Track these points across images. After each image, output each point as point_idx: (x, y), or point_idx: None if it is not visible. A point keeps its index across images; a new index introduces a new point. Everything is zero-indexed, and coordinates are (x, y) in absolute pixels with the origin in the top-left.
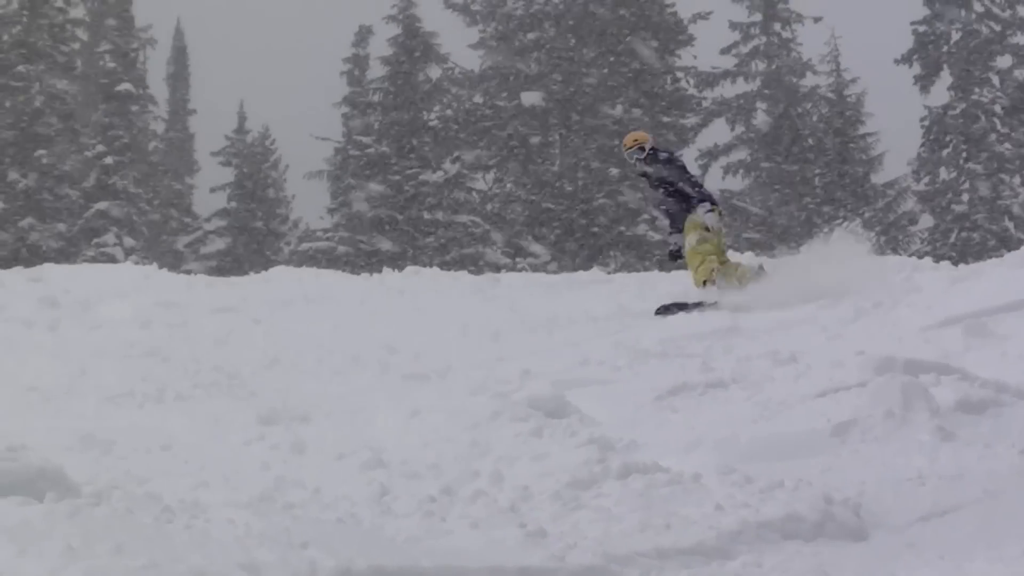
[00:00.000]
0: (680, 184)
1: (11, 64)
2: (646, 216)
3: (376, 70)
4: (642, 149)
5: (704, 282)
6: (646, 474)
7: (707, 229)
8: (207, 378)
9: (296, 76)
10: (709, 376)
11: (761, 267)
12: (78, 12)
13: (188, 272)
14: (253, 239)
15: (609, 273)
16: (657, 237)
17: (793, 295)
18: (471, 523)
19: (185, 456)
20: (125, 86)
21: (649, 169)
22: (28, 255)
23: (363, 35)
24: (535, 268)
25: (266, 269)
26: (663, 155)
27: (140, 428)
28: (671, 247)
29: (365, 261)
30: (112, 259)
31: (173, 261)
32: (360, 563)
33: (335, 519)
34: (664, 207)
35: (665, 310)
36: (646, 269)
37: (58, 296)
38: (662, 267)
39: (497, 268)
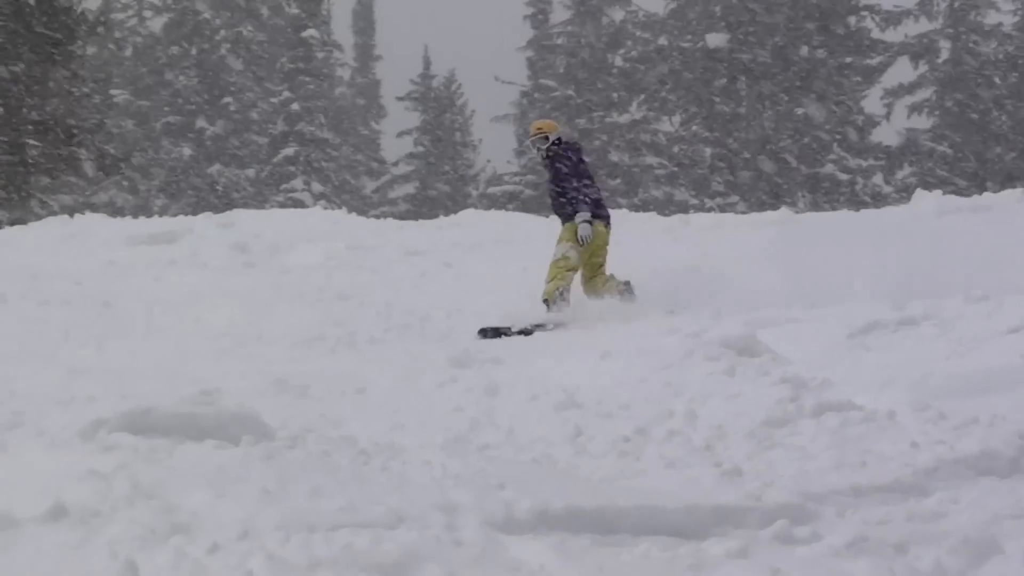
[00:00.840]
0: (570, 182)
1: (196, 12)
2: (832, 156)
3: (560, 13)
4: (546, 139)
5: (546, 300)
6: (840, 412)
7: (580, 244)
8: (399, 321)
9: (480, 20)
10: (901, 314)
11: (628, 283)
12: None
13: (377, 216)
14: (441, 183)
15: (797, 213)
16: (845, 176)
17: None
18: (666, 462)
19: (379, 399)
20: (310, 32)
21: (549, 158)
22: (217, 201)
23: None
24: (722, 209)
25: (455, 212)
26: (566, 149)
27: (333, 372)
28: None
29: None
30: (301, 204)
31: (361, 206)
32: (556, 503)
33: (530, 460)
34: (556, 202)
35: (490, 333)
36: (833, 208)
37: (248, 241)
38: (851, 206)
39: (685, 209)
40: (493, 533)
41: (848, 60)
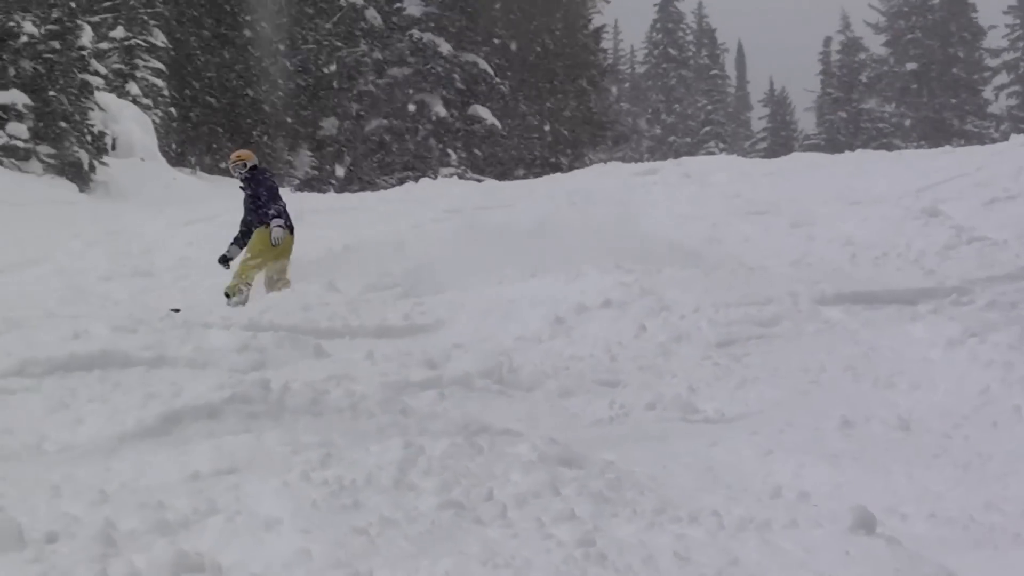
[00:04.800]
0: (267, 199)
1: (666, 72)
2: (970, 119)
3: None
4: (244, 165)
5: (227, 293)
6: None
7: (272, 244)
8: (762, 208)
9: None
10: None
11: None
12: None
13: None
14: (779, 143)
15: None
16: (975, 130)
17: None
18: (896, 268)
19: (759, 245)
20: (715, 72)
21: (247, 180)
22: (673, 155)
23: None
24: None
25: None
26: (262, 172)
27: (734, 231)
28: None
29: None
30: (713, 153)
31: (742, 153)
32: (845, 290)
33: (832, 269)
34: (256, 213)
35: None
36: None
37: (691, 172)
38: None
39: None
40: (815, 305)
41: (976, 76)
